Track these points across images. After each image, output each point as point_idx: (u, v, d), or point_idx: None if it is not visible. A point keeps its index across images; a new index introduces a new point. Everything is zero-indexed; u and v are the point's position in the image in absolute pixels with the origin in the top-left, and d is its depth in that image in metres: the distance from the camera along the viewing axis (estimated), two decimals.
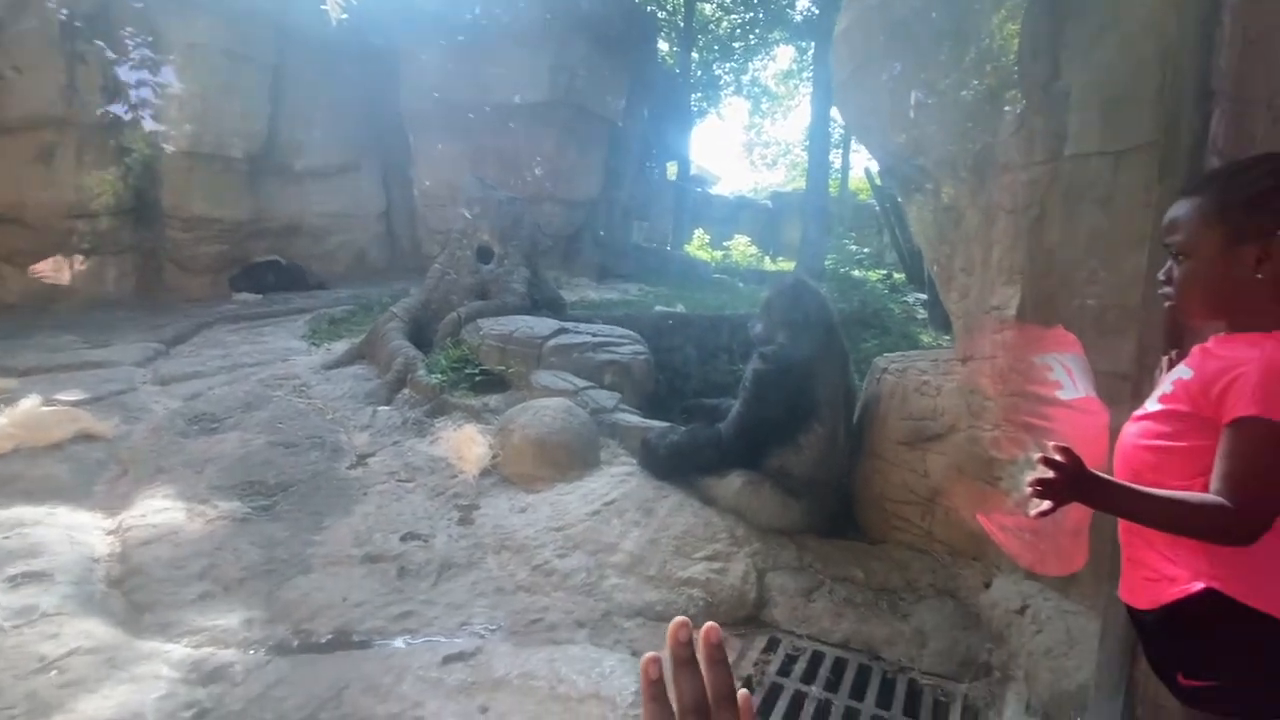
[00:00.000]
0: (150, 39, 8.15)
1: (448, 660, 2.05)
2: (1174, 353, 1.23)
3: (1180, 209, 1.04)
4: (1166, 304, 1.09)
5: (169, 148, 8.28)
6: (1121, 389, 1.60)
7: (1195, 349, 1.09)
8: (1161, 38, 1.60)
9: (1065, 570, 1.85)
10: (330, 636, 2.21)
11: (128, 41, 8.09)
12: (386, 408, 4.26)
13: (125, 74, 8.19)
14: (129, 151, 8.17)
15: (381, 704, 1.86)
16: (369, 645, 2.18)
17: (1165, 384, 1.10)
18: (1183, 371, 1.06)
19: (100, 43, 7.93)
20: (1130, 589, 1.14)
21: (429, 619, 2.31)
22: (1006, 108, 2.30)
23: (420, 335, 5.28)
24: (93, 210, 7.97)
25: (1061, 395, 1.04)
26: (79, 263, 8.02)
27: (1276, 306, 0.97)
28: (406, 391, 4.41)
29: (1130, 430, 1.13)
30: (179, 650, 2.08)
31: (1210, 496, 0.94)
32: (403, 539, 2.79)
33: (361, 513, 3.01)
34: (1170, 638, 1.08)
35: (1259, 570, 0.95)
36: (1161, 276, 1.09)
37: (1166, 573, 1.05)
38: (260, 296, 8.27)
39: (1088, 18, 1.84)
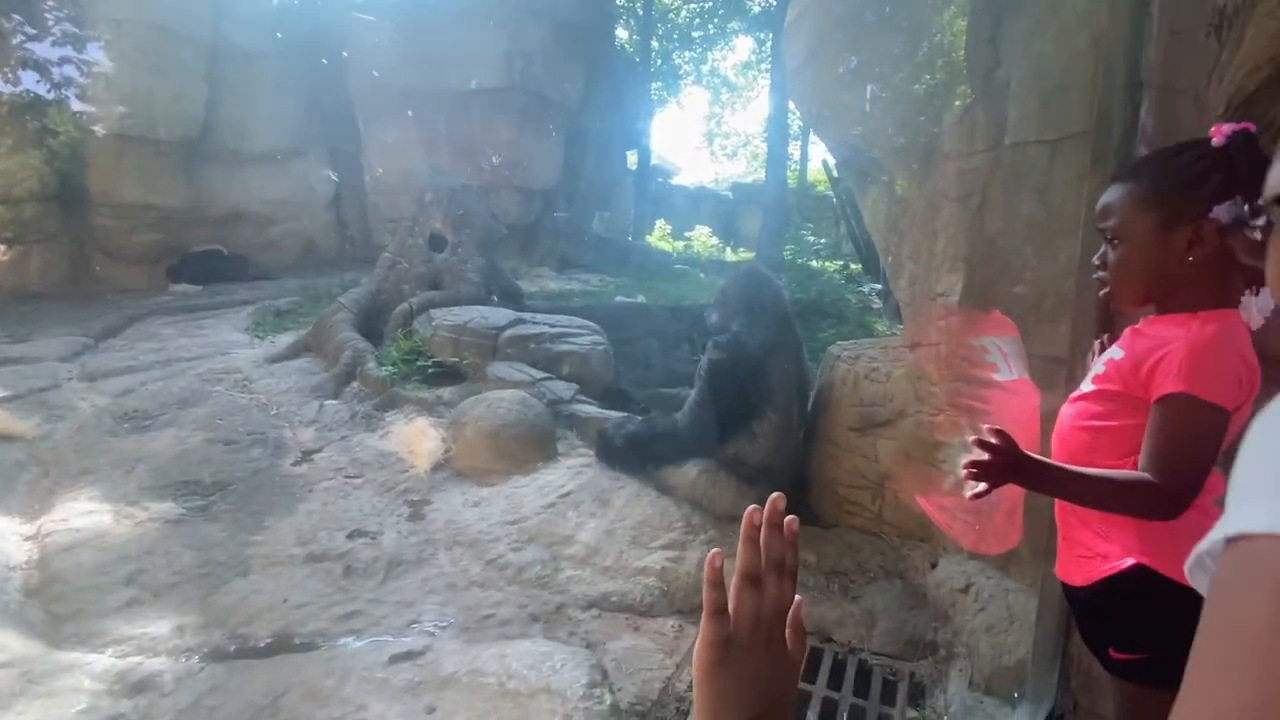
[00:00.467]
0: (73, 14, 7.64)
1: (394, 660, 1.98)
2: (1106, 336, 1.26)
3: (1113, 195, 1.06)
4: (1101, 288, 1.11)
5: (97, 130, 7.79)
6: (1057, 372, 1.65)
7: (1126, 330, 1.11)
8: (1095, 29, 1.64)
9: (1001, 549, 1.90)
10: (269, 640, 2.12)
11: (48, 16, 7.57)
12: (334, 402, 4.12)
13: (46, 51, 7.67)
14: (53, 133, 7.66)
15: (323, 708, 1.79)
16: (311, 648, 2.10)
17: (1098, 365, 1.13)
18: (1114, 352, 1.09)
19: (18, 16, 7.40)
20: (1065, 566, 1.17)
21: (376, 618, 2.24)
22: (956, 102, 2.33)
23: (370, 327, 5.12)
24: (14, 196, 7.45)
25: (997, 378, 1.06)
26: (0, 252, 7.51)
27: (1204, 288, 0.99)
28: (355, 385, 4.27)
29: (1066, 412, 1.15)
30: (102, 661, 1.95)
31: (1138, 474, 0.96)
32: (349, 537, 2.69)
33: (305, 511, 2.90)
34: (1102, 612, 1.11)
35: (1187, 546, 0.98)
36: (1096, 261, 1.11)
37: (1099, 550, 1.08)
38: (200, 288, 7.90)
39: (1027, 9, 1.87)
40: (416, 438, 3.50)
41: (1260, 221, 0.93)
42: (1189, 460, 0.93)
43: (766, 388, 2.87)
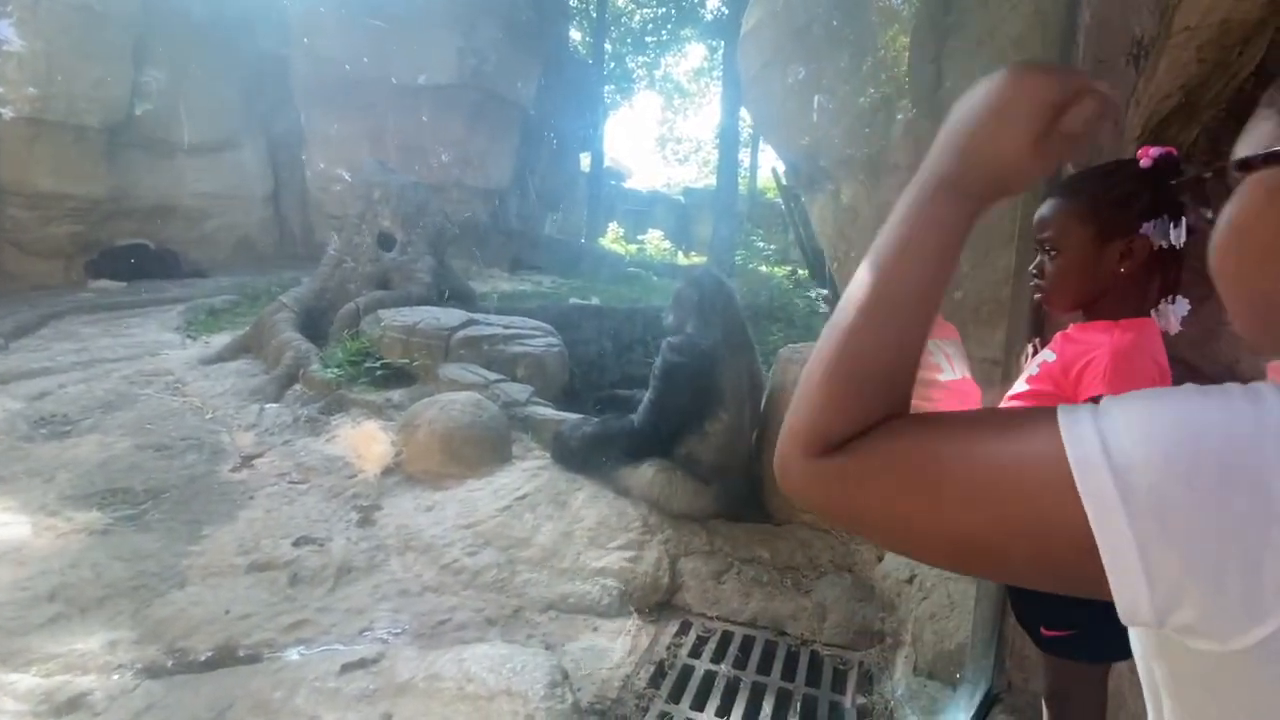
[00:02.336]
0: None
1: (347, 669, 1.93)
2: (1037, 340, 1.36)
3: (1050, 208, 1.14)
4: (1036, 294, 1.20)
5: (6, 113, 7.21)
6: (994, 372, 1.76)
7: (1057, 335, 1.20)
8: (1028, 53, 1.76)
9: None
10: (211, 654, 2.02)
11: None
12: (275, 405, 3.95)
13: None
14: None
15: None
16: (257, 660, 2.01)
17: (1031, 367, 1.21)
18: (1046, 355, 1.17)
19: None
20: None
21: (325, 627, 2.17)
22: (899, 115, 2.45)
23: (314, 327, 4.94)
24: None
25: (941, 378, 1.14)
26: None
27: (1126, 297, 1.09)
28: (298, 387, 4.11)
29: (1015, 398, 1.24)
30: (26, 681, 1.82)
31: None
32: (295, 544, 2.59)
33: (247, 518, 2.77)
34: (1034, 593, 1.20)
35: None
36: (1033, 270, 1.19)
37: None
38: (123, 284, 7.42)
39: (967, 31, 1.99)
40: (365, 441, 3.40)
41: (1181, 235, 1.03)
42: None
43: (719, 389, 2.93)
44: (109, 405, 3.78)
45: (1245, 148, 0.44)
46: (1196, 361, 1.71)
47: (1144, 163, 1.04)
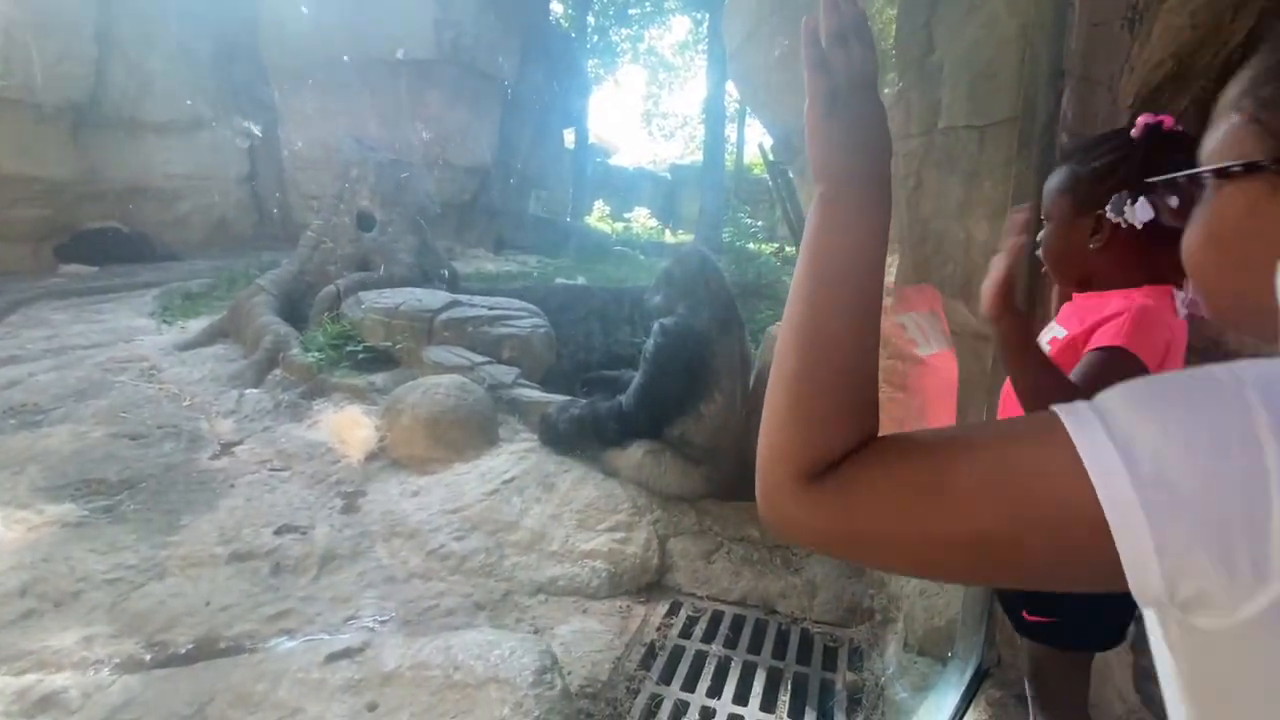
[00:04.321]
0: None
1: (331, 658, 1.89)
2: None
3: (1050, 178, 1.10)
4: (1041, 267, 1.16)
5: None
6: (984, 348, 1.73)
7: (1064, 307, 1.16)
8: (1023, 18, 1.70)
9: None
10: (191, 646, 1.98)
11: None
12: (255, 390, 3.87)
13: None
14: None
15: (254, 714, 1.69)
16: (239, 651, 1.98)
17: (1040, 341, 1.17)
18: (1055, 330, 1.13)
19: None
20: None
21: (310, 616, 2.13)
22: (886, 89, 2.38)
23: (293, 310, 4.83)
24: None
25: (918, 352, 1.11)
26: None
27: (1120, 271, 1.03)
28: (278, 372, 4.02)
29: (1010, 388, 1.20)
30: None
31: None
32: (277, 533, 2.54)
33: (227, 507, 2.71)
34: None
35: None
36: (1037, 240, 1.15)
37: None
38: (95, 269, 7.21)
39: None
40: (348, 426, 3.34)
41: (1139, 214, 0.94)
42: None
43: (712, 369, 2.90)
44: (81, 393, 3.68)
45: (1214, 148, 0.46)
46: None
47: (1134, 132, 0.99)
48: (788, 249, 10.15)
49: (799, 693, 1.96)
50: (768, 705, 1.91)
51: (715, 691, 1.95)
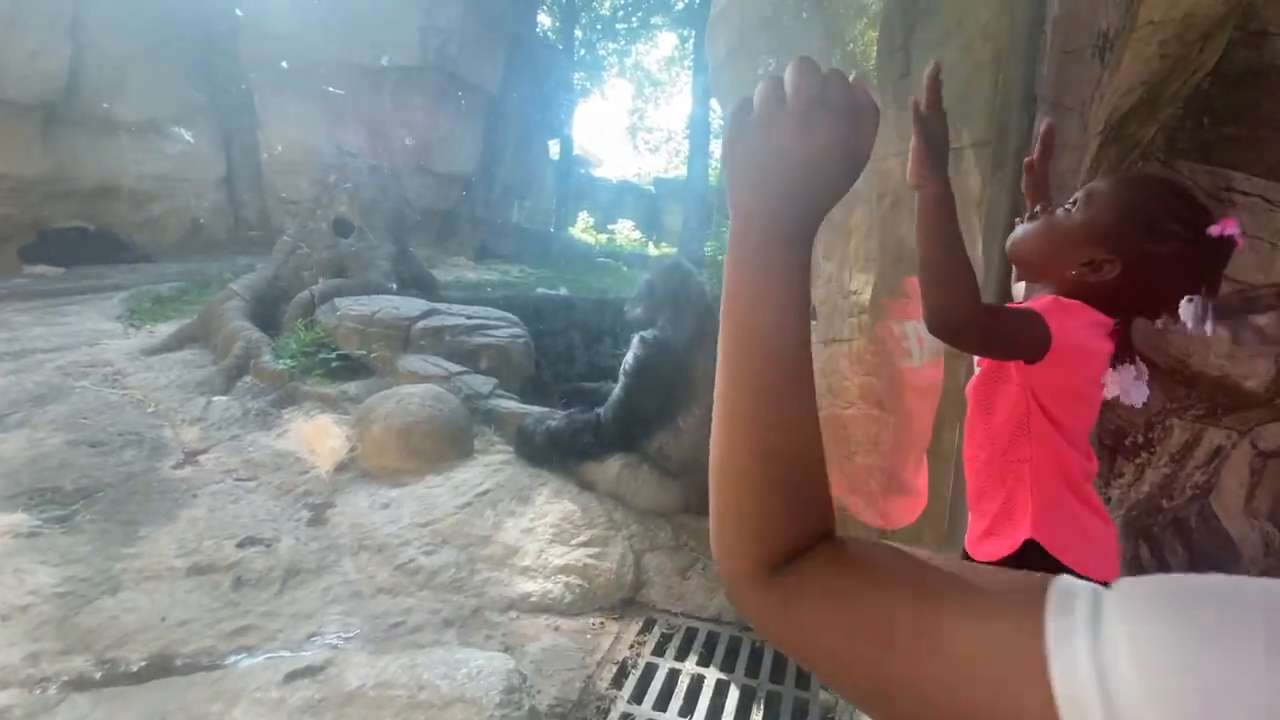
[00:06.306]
0: None
1: (292, 677, 1.83)
2: None
3: (1099, 182, 1.05)
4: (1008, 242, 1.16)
5: None
6: (958, 362, 1.74)
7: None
8: (996, 44, 1.74)
9: (905, 521, 2.02)
10: (144, 664, 1.90)
11: None
12: (223, 398, 3.77)
13: None
14: None
15: None
16: (195, 669, 1.90)
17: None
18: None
19: None
20: (972, 541, 1.23)
21: (271, 633, 2.06)
22: None
23: (267, 316, 4.74)
24: None
25: (909, 363, 1.12)
26: None
27: (1086, 296, 1.04)
28: (248, 379, 3.93)
29: (969, 399, 1.21)
30: None
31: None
32: (240, 545, 2.47)
33: (189, 518, 2.63)
34: None
35: (1069, 530, 1.05)
36: (1025, 215, 1.15)
37: (1001, 529, 1.14)
38: (62, 270, 7.01)
39: (935, 20, 1.96)
40: (318, 436, 3.26)
41: (1209, 328, 0.90)
42: (995, 317, 1.00)
43: (691, 382, 2.89)
44: (40, 398, 3.55)
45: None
46: (1149, 354, 1.72)
47: (1212, 230, 0.91)
48: None
49: (771, 711, 1.94)
50: None
51: (687, 710, 1.92)
